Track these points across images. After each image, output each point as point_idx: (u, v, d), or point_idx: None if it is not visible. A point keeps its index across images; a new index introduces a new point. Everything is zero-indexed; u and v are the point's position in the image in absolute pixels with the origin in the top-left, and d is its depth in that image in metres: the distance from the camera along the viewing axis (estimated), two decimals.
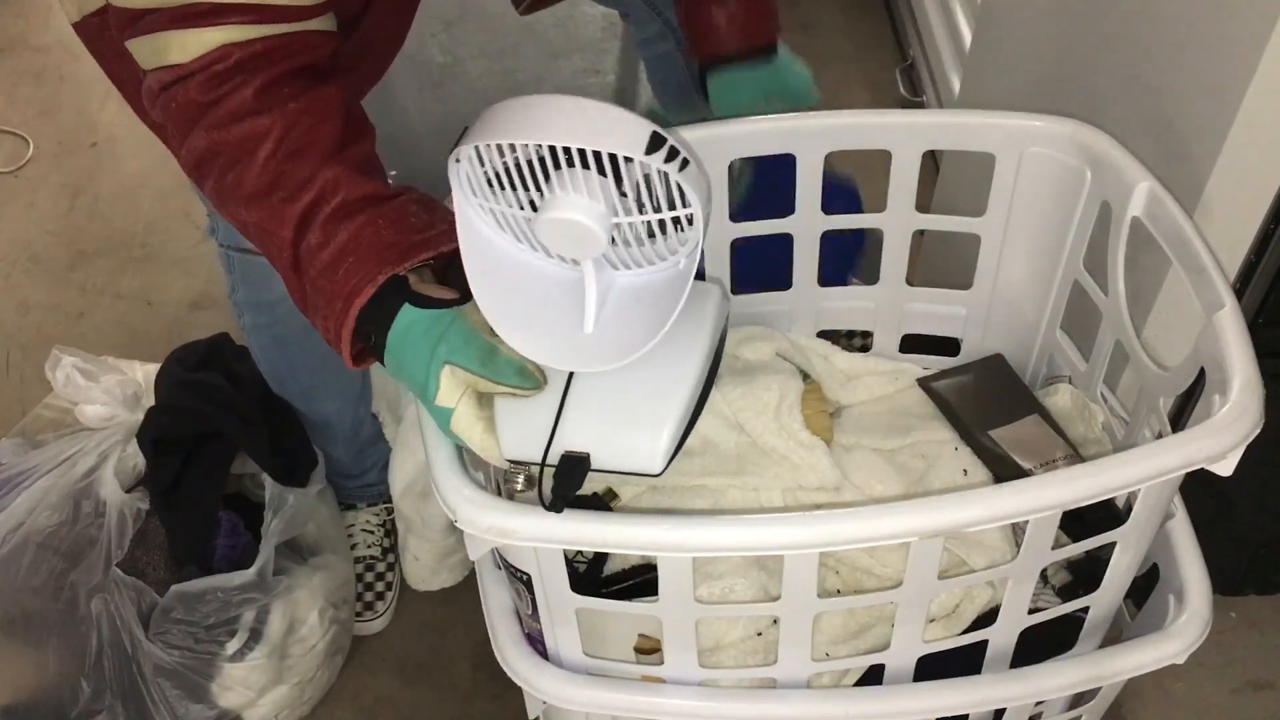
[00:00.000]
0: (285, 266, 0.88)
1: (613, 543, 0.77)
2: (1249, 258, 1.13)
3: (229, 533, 1.40)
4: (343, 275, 0.84)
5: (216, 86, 0.85)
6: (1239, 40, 0.99)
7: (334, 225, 0.84)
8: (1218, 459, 0.79)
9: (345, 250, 0.84)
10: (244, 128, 0.85)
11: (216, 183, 0.88)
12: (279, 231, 0.86)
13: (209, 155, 0.87)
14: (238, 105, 0.85)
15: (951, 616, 1.01)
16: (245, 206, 0.87)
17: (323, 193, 0.85)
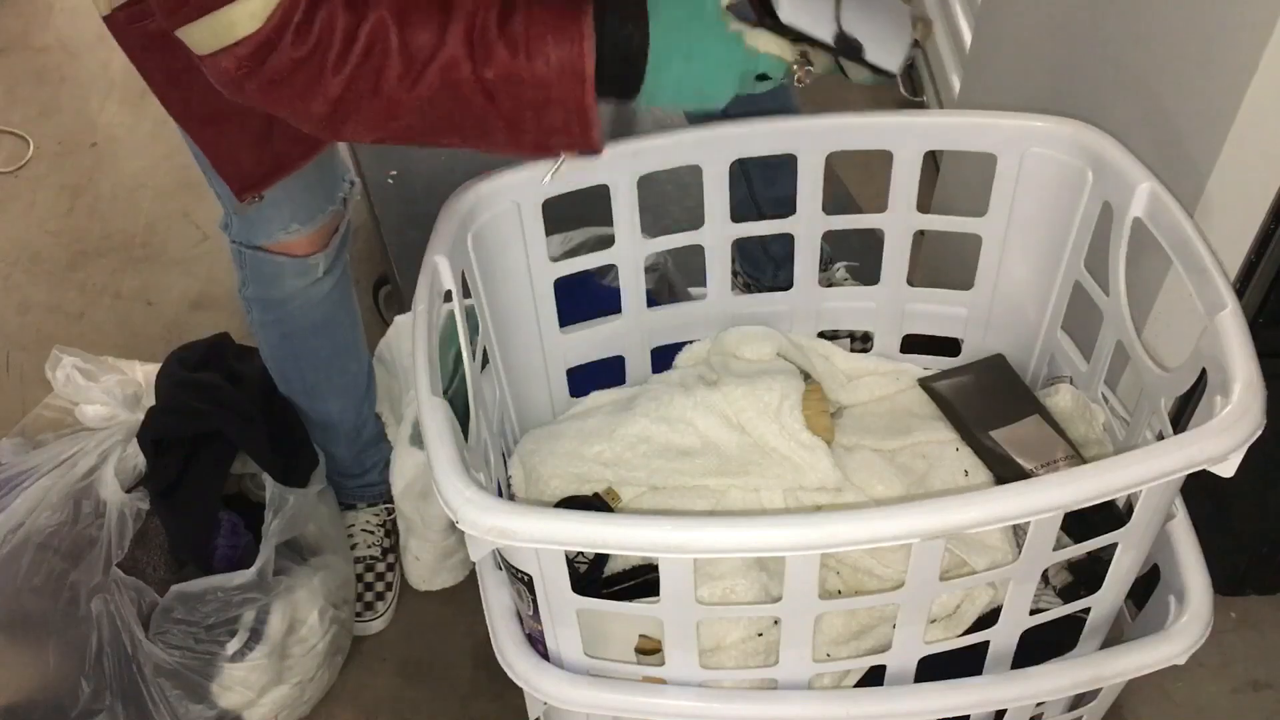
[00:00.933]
0: (478, 108, 0.87)
1: (614, 544, 0.77)
2: (1249, 258, 1.13)
3: (229, 533, 1.40)
4: (553, 57, 0.85)
5: (307, 35, 0.82)
6: (1239, 40, 0.99)
7: (505, 29, 0.84)
8: (1219, 460, 0.79)
9: (533, 41, 0.84)
10: (363, 44, 0.83)
11: (371, 102, 0.86)
12: (458, 74, 0.85)
13: (349, 92, 0.85)
14: (342, 35, 0.83)
15: (952, 617, 1.01)
16: (417, 86, 0.85)
17: (471, 14, 0.85)
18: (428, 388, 0.89)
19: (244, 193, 1.12)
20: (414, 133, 0.90)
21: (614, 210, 1.12)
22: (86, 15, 1.09)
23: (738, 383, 1.13)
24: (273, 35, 0.81)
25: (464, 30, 0.84)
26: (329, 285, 1.33)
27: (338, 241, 1.30)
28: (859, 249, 1.48)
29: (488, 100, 0.86)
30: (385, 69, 0.84)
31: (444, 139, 0.92)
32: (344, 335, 1.44)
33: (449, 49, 0.84)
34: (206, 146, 1.09)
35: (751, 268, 1.63)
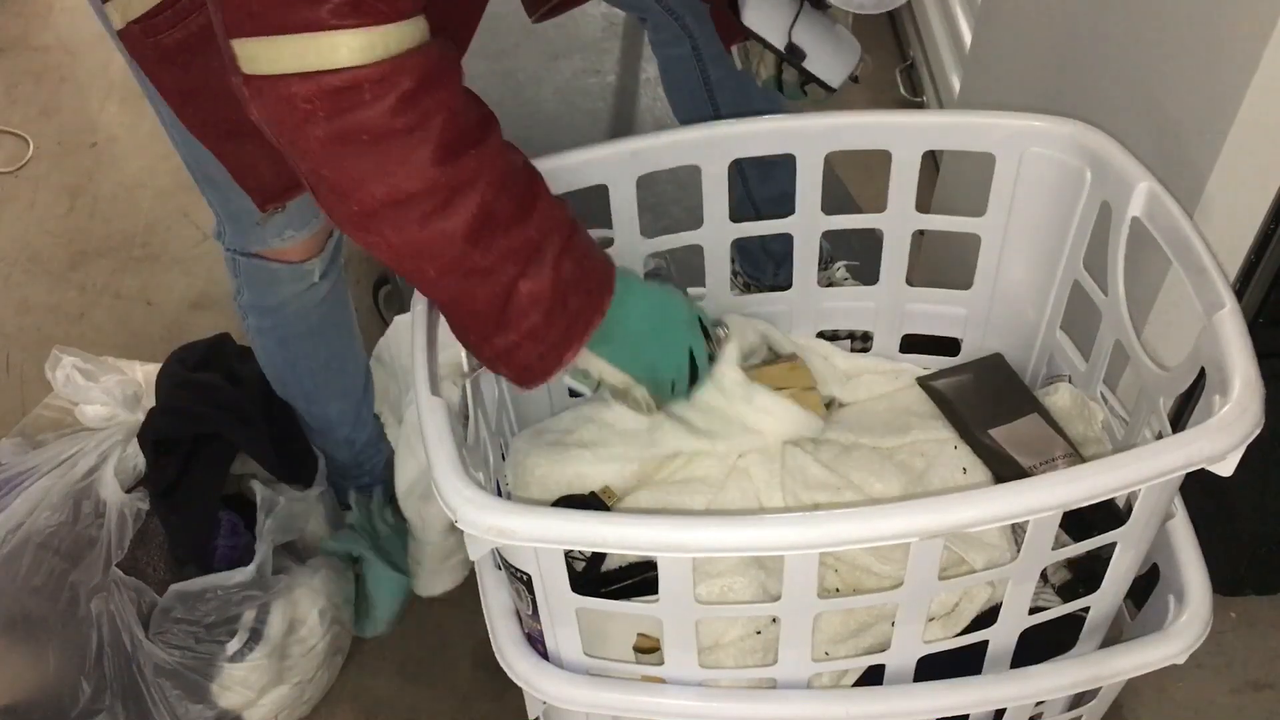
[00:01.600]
0: (488, 301, 0.86)
1: (614, 543, 0.77)
2: (1249, 258, 1.13)
3: (229, 533, 1.40)
4: (574, 307, 0.88)
5: (414, 107, 0.75)
6: (1239, 40, 0.99)
7: (561, 255, 0.86)
8: (1218, 459, 0.79)
9: (571, 284, 0.87)
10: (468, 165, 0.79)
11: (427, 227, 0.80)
12: (504, 265, 0.84)
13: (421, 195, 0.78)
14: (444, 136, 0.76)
15: (951, 615, 1.01)
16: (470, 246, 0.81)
17: (544, 225, 0.85)
18: (427, 388, 0.90)
19: (266, 204, 1.10)
20: (414, 277, 0.87)
21: (613, 210, 1.12)
22: (86, 15, 1.08)
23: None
24: (367, 86, 0.73)
25: (533, 234, 0.84)
26: (325, 289, 1.33)
27: (333, 245, 1.30)
28: (859, 249, 1.48)
29: (503, 299, 0.85)
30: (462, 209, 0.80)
31: (427, 288, 0.90)
32: (340, 338, 1.44)
33: (522, 232, 0.83)
34: (227, 160, 1.06)
35: (751, 267, 1.63)
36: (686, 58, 1.40)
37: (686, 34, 1.39)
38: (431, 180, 0.77)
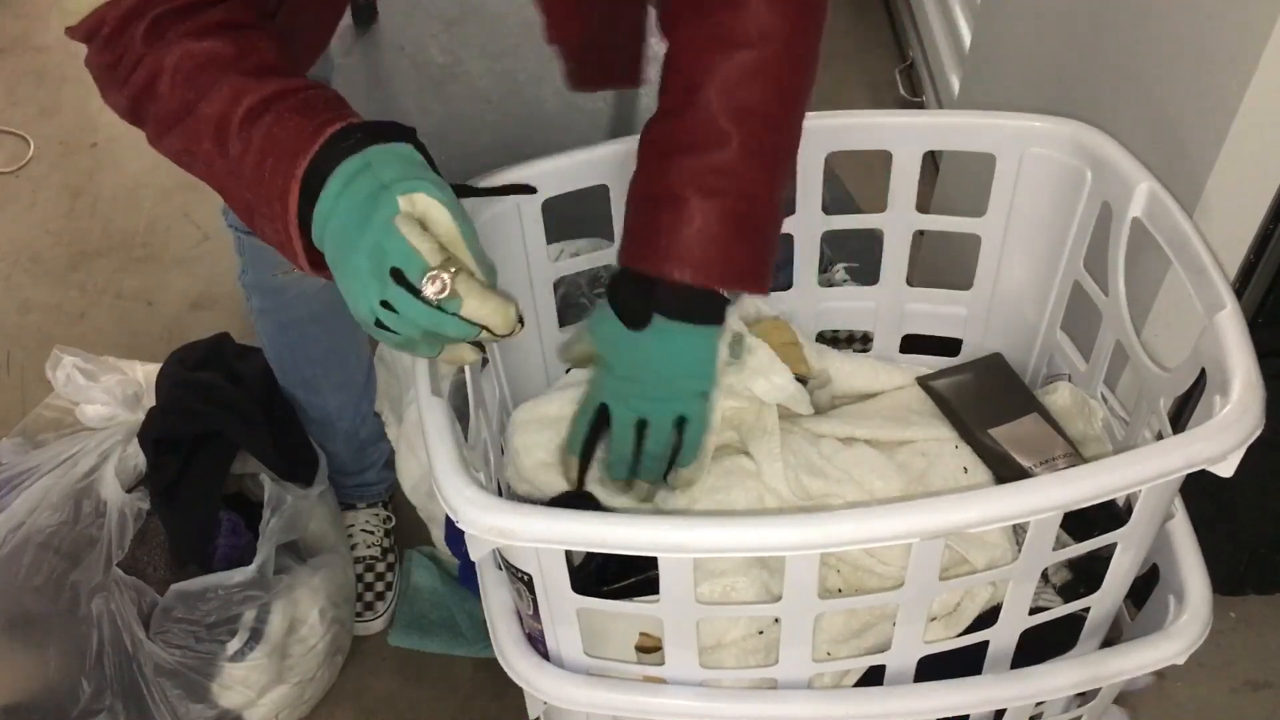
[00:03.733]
0: (220, 181, 0.87)
1: (614, 543, 0.77)
2: (1248, 258, 1.13)
3: (229, 533, 1.40)
4: (269, 178, 0.81)
5: (111, 46, 0.87)
6: (1239, 40, 0.99)
7: (248, 129, 0.82)
8: (1219, 460, 0.79)
9: (264, 151, 0.81)
10: (142, 71, 0.86)
11: (150, 128, 0.90)
12: (200, 147, 0.85)
13: (132, 107, 0.89)
14: (131, 61, 0.86)
15: (952, 615, 1.01)
16: (168, 136, 0.88)
17: (228, 102, 0.83)
18: (428, 387, 0.90)
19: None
20: (180, 163, 0.91)
21: (614, 210, 1.12)
22: None
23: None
24: (89, 31, 0.88)
25: (213, 112, 0.84)
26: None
27: None
28: (859, 249, 1.48)
29: (222, 180, 0.86)
30: (149, 106, 0.87)
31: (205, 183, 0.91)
32: (342, 329, 1.44)
33: (196, 119, 0.85)
34: None
35: None
36: None
37: None
38: (128, 95, 0.89)
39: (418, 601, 1.57)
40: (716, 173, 0.95)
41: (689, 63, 0.96)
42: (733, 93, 0.94)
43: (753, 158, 0.95)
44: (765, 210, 0.98)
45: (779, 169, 1.00)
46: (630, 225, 1.00)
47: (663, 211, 0.96)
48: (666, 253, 0.96)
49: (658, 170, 0.98)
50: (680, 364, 1.01)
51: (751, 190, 0.96)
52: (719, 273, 0.97)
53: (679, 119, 0.96)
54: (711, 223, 0.95)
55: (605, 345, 1.02)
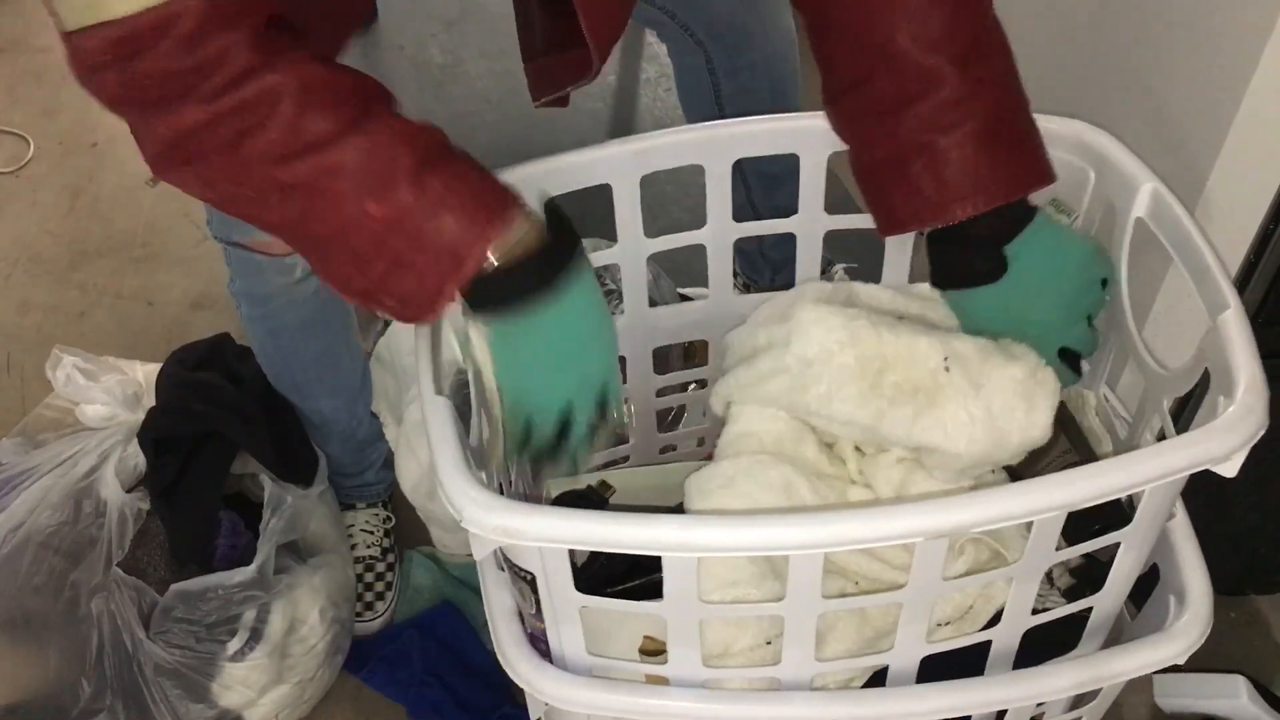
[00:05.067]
0: (331, 222, 0.79)
1: (619, 542, 0.77)
2: (1249, 257, 1.13)
3: (229, 532, 1.40)
4: (441, 233, 0.78)
5: (191, 50, 0.73)
6: (1239, 40, 0.99)
7: (424, 177, 0.78)
8: (1223, 460, 0.79)
9: (444, 205, 0.78)
10: (251, 90, 0.75)
11: (222, 155, 0.77)
12: (331, 184, 0.77)
13: (205, 132, 0.76)
14: (233, 72, 0.74)
15: (965, 619, 1.00)
16: (279, 167, 0.77)
17: (391, 142, 0.78)
18: (430, 386, 0.90)
19: None
20: (243, 206, 0.82)
21: (616, 210, 1.12)
22: None
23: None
24: (150, 31, 0.72)
25: (370, 147, 0.77)
26: (315, 284, 1.33)
27: None
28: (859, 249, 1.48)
29: (350, 225, 0.79)
30: (258, 132, 0.76)
31: (272, 228, 0.83)
32: (334, 334, 1.43)
33: (341, 154, 0.77)
34: None
35: (750, 270, 1.63)
36: (699, 69, 1.41)
37: (700, 48, 1.40)
38: (213, 112, 0.75)
39: (418, 601, 1.57)
40: (946, 108, 0.92)
41: (859, 23, 0.93)
42: (922, 31, 0.91)
43: (973, 77, 0.92)
44: (1011, 109, 0.95)
45: (999, 64, 0.96)
46: (881, 195, 0.98)
47: (911, 165, 0.94)
48: (940, 197, 0.94)
49: (882, 134, 0.95)
50: (1062, 272, 0.98)
51: (986, 103, 0.93)
52: (1004, 186, 0.94)
53: (879, 80, 0.94)
54: (968, 153, 0.92)
55: (979, 319, 1.01)
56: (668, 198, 1.86)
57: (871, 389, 0.96)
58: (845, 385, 0.97)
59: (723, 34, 1.40)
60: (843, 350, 0.97)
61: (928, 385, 0.95)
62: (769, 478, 0.99)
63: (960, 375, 0.95)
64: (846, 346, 0.97)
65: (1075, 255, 0.99)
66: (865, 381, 0.97)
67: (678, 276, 1.53)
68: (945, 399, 0.95)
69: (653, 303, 1.21)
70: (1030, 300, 0.99)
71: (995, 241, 0.96)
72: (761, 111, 1.12)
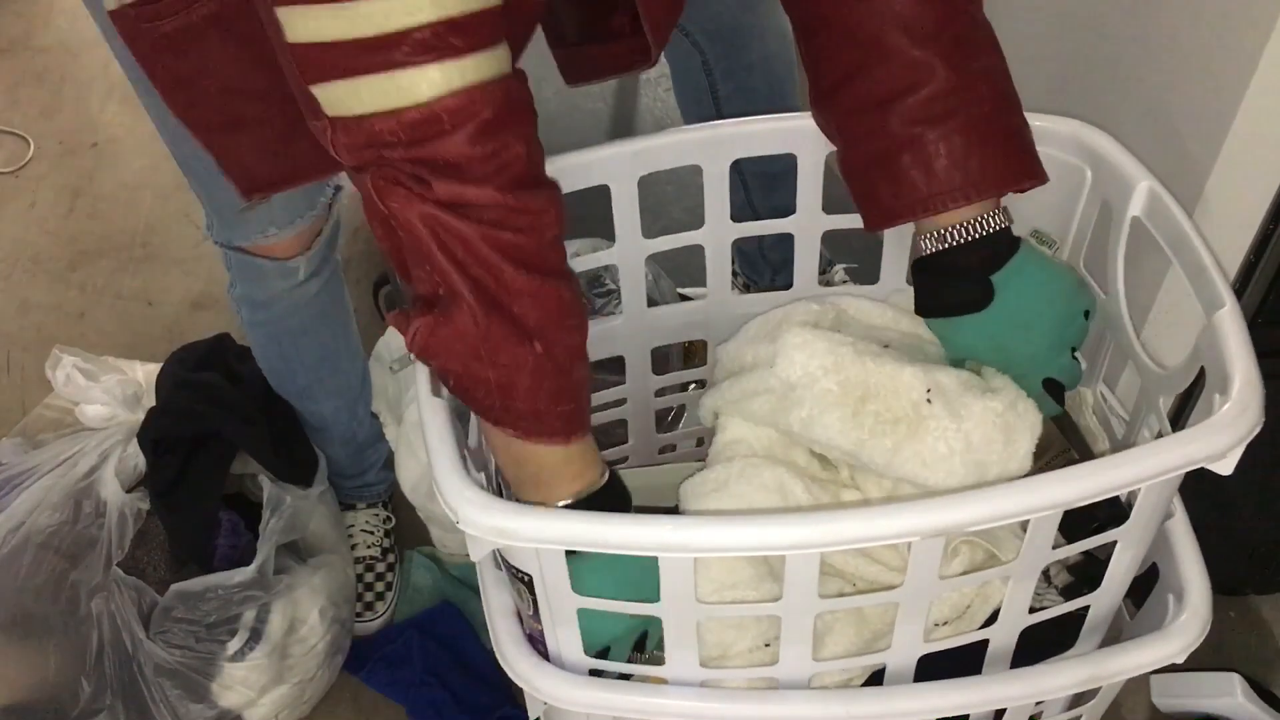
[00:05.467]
0: (524, 356, 0.81)
1: (615, 543, 0.77)
2: (1248, 258, 1.13)
3: (229, 533, 1.40)
4: (562, 405, 0.84)
5: (489, 138, 0.74)
6: (1239, 40, 0.99)
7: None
8: (1219, 458, 0.79)
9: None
10: (542, 198, 0.78)
11: (478, 230, 0.76)
12: (554, 311, 0.81)
13: (485, 208, 0.76)
14: (519, 168, 0.76)
15: (963, 618, 1.00)
16: (509, 265, 0.78)
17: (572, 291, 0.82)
18: (428, 388, 0.90)
19: (250, 194, 1.05)
20: (433, 269, 0.79)
21: (614, 210, 1.12)
22: (87, 15, 1.08)
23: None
24: (444, 115, 0.73)
25: (572, 298, 0.82)
26: (315, 288, 1.33)
27: (322, 245, 1.29)
28: (859, 249, 1.48)
29: (534, 353, 0.81)
30: (519, 234, 0.78)
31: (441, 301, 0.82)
32: (334, 338, 1.44)
33: (561, 291, 0.81)
34: (215, 150, 1.02)
35: (750, 270, 1.63)
36: (696, 70, 1.41)
37: (697, 49, 1.41)
38: (502, 201, 0.77)
39: (418, 601, 1.57)
40: (936, 100, 0.91)
41: (850, 18, 0.93)
42: (913, 25, 0.91)
43: (963, 70, 0.92)
44: (1001, 105, 0.95)
45: (989, 59, 0.95)
46: (870, 190, 0.97)
47: (900, 158, 0.93)
48: (930, 190, 0.93)
49: (871, 128, 0.94)
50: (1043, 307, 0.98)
51: (976, 97, 0.93)
52: (994, 181, 0.94)
53: (869, 74, 0.93)
54: (957, 146, 0.92)
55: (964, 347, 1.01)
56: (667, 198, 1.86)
57: (853, 416, 0.96)
58: (827, 411, 0.97)
59: (720, 35, 1.41)
60: (826, 376, 0.97)
61: (909, 416, 0.95)
62: (763, 479, 0.99)
63: (941, 407, 0.95)
64: (830, 372, 0.97)
65: (1060, 286, 0.99)
66: (847, 408, 0.96)
67: (678, 276, 1.53)
68: (925, 431, 0.94)
69: (652, 302, 1.21)
70: (1015, 330, 0.98)
71: (982, 270, 0.96)
72: (759, 111, 1.12)
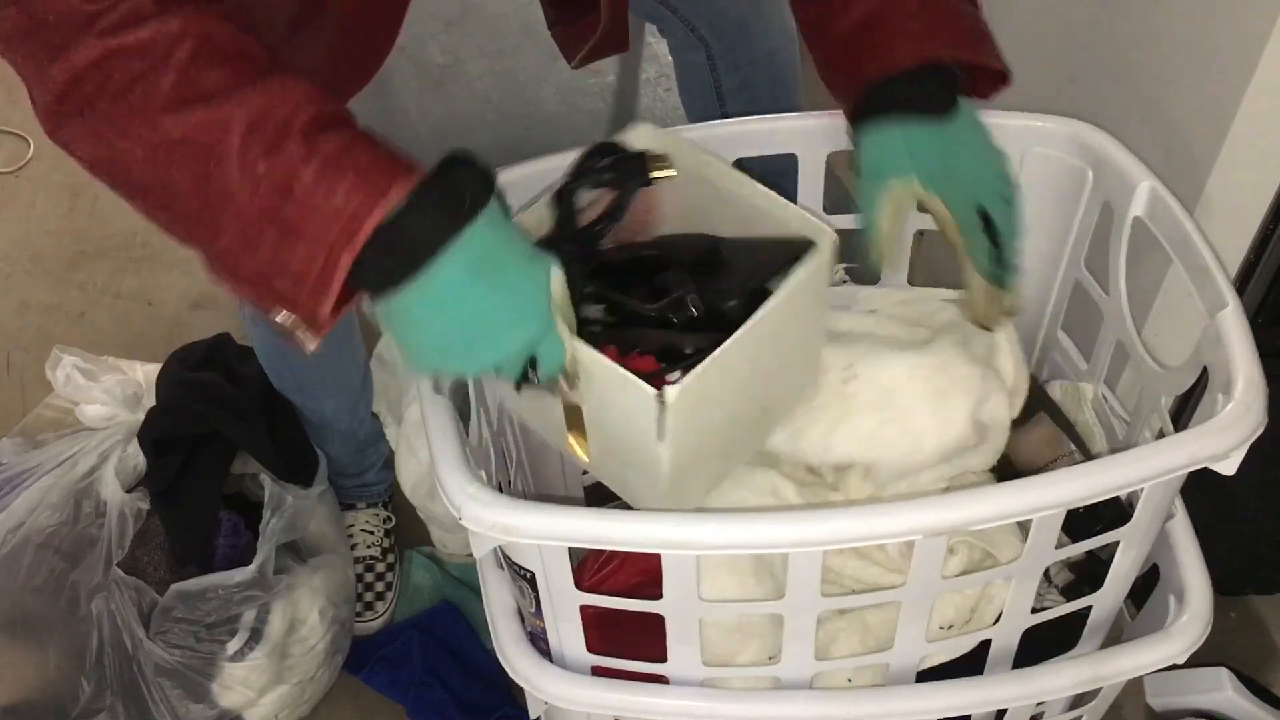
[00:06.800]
0: (220, 185, 0.72)
1: (618, 540, 0.77)
2: (1249, 257, 1.13)
3: (229, 532, 1.40)
4: (333, 196, 0.71)
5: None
6: (1239, 40, 0.99)
7: (316, 136, 0.72)
8: (1221, 458, 0.79)
9: (337, 165, 0.72)
10: (147, 31, 0.70)
11: (113, 103, 0.71)
12: (220, 139, 0.71)
13: (96, 68, 0.71)
14: (129, 9, 0.70)
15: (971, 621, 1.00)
16: (165, 117, 0.71)
17: (295, 101, 0.72)
18: (430, 385, 0.90)
19: None
20: (136, 170, 0.74)
21: None
22: None
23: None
24: None
25: (264, 102, 0.72)
26: None
27: None
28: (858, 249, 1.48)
29: (238, 189, 0.72)
30: (150, 76, 0.71)
31: (152, 198, 0.76)
32: (336, 336, 1.43)
33: (233, 106, 0.71)
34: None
35: None
36: (700, 65, 1.41)
37: (702, 43, 1.41)
38: (106, 48, 0.71)
39: (418, 601, 1.57)
40: None
41: None
42: None
43: None
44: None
45: None
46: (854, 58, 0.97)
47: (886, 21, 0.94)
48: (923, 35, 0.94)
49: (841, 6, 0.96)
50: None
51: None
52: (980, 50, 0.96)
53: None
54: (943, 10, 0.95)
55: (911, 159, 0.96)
56: None
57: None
58: None
59: (724, 29, 1.41)
60: None
61: (835, 398, 0.95)
62: (755, 482, 0.99)
63: (865, 380, 0.94)
64: None
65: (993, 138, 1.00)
66: None
67: None
68: (854, 409, 0.94)
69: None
70: (965, 150, 0.97)
71: (951, 90, 0.96)
72: (763, 107, 1.13)
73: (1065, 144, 1.07)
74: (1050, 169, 1.09)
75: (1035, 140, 1.08)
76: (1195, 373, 0.92)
